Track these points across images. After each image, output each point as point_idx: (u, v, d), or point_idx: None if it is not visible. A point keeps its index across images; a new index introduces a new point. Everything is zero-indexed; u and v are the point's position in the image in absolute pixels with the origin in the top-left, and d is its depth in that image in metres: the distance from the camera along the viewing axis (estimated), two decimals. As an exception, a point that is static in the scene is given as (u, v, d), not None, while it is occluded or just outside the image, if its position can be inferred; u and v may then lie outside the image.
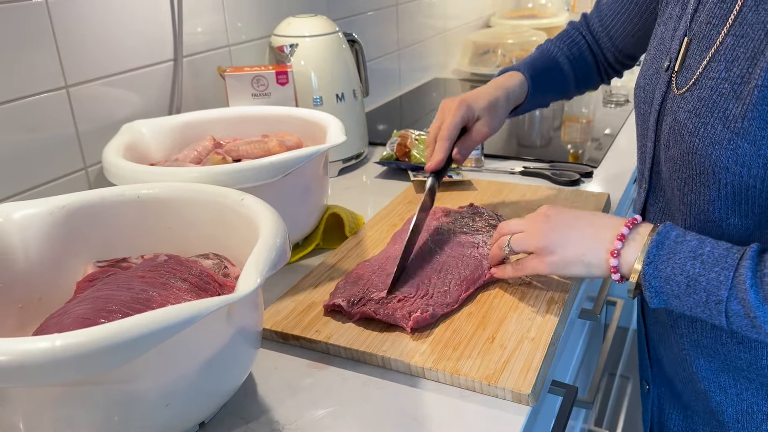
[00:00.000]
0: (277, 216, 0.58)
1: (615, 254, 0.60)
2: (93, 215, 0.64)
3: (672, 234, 0.58)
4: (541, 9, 2.17)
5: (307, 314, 0.69)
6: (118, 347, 0.40)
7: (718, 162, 0.57)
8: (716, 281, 0.54)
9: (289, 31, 1.07)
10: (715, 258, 0.55)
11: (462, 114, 0.81)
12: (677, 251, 0.57)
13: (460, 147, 0.83)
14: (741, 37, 0.56)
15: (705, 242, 0.56)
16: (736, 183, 0.57)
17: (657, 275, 0.57)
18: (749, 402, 0.64)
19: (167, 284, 0.54)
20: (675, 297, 0.57)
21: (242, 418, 0.57)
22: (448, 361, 0.60)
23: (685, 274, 0.56)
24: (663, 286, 0.57)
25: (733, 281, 0.53)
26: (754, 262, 0.53)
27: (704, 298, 0.55)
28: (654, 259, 0.57)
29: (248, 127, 0.92)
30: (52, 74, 0.81)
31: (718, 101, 0.58)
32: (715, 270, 0.54)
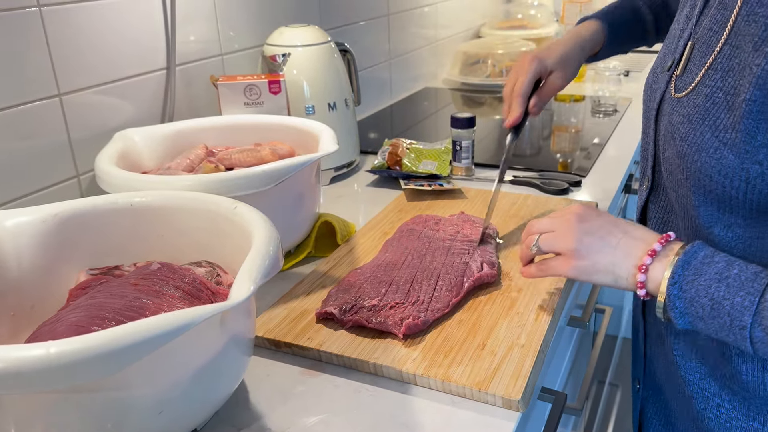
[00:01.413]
0: (270, 224, 0.58)
1: (643, 269, 0.59)
2: (85, 223, 0.65)
3: (700, 254, 0.57)
4: (531, 20, 2.20)
5: (299, 322, 0.69)
6: (113, 355, 0.40)
7: (703, 169, 0.58)
8: (740, 306, 0.53)
9: (282, 40, 1.08)
10: (742, 282, 0.53)
11: (534, 69, 0.86)
12: (703, 272, 0.55)
13: (537, 100, 0.87)
14: (736, 47, 0.56)
15: (733, 264, 0.55)
16: (719, 192, 0.57)
17: (681, 296, 0.56)
18: (729, 416, 0.64)
19: (160, 292, 0.55)
20: (700, 319, 0.56)
21: (234, 426, 0.57)
22: (439, 368, 0.61)
23: (709, 297, 0.54)
24: (687, 307, 0.56)
25: (757, 307, 0.52)
26: None
27: (728, 322, 0.54)
28: (679, 279, 0.56)
29: (241, 136, 0.92)
30: (45, 82, 0.82)
31: (711, 110, 0.57)
32: (740, 294, 0.53)
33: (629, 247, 0.61)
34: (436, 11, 1.88)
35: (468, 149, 1.11)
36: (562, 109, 1.63)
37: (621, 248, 0.61)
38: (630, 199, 1.67)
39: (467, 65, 1.86)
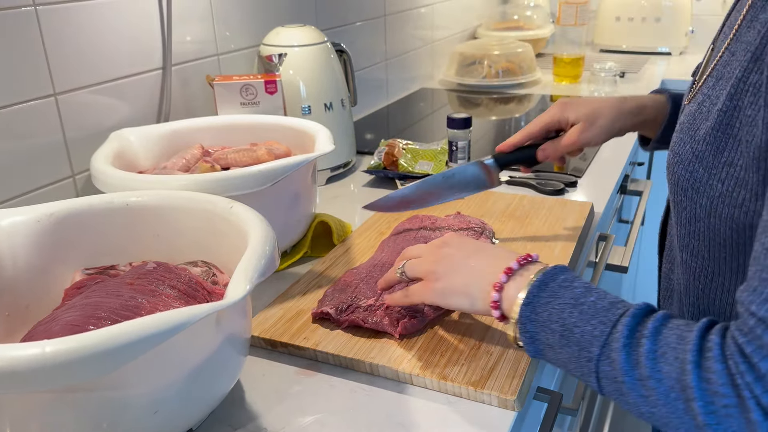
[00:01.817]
0: (266, 224, 0.58)
1: (497, 287, 0.55)
2: (81, 223, 0.65)
3: (560, 277, 0.53)
4: (527, 21, 2.20)
5: (295, 322, 0.69)
6: (108, 354, 0.40)
7: (679, 182, 0.55)
8: (590, 335, 0.49)
9: (278, 40, 1.08)
10: (596, 309, 0.50)
11: (552, 113, 0.80)
12: (559, 296, 0.52)
13: (547, 146, 0.81)
14: (732, 54, 0.53)
15: (591, 292, 0.52)
16: (689, 210, 0.54)
17: (533, 319, 0.53)
18: None
19: (156, 291, 0.54)
20: (550, 347, 0.52)
21: (230, 425, 0.57)
22: (435, 368, 0.61)
23: (560, 322, 0.51)
24: (538, 332, 0.53)
25: (607, 338, 0.48)
26: (635, 320, 0.48)
27: (576, 352, 0.50)
28: (533, 300, 0.53)
29: (237, 136, 0.92)
30: (41, 82, 0.81)
31: (696, 118, 0.55)
32: (592, 323, 0.49)
33: (486, 266, 0.58)
34: (433, 12, 1.88)
35: (464, 150, 1.11)
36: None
37: (477, 268, 0.58)
38: (625, 199, 1.67)
39: (463, 66, 1.86)
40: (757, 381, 0.41)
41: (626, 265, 1.14)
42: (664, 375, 0.45)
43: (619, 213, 1.60)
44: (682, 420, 0.45)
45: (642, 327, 0.48)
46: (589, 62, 1.92)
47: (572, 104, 0.80)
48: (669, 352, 0.46)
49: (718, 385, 0.43)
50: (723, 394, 0.43)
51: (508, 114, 1.61)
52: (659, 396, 0.45)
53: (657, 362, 0.46)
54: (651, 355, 0.46)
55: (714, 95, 0.53)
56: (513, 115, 1.59)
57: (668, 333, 0.47)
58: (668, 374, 0.45)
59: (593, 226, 0.96)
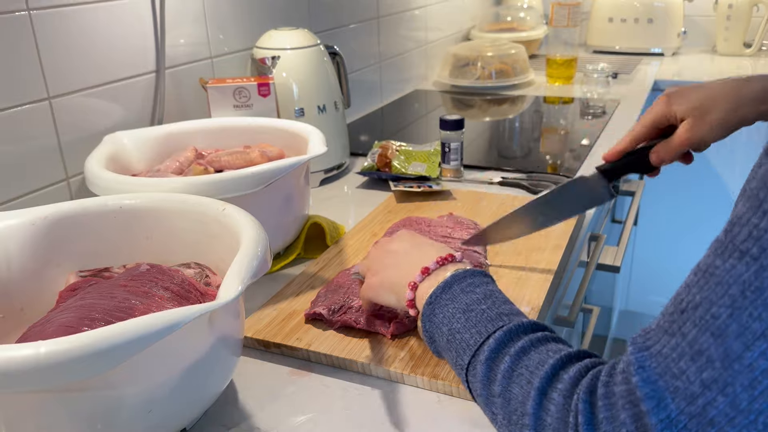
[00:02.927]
0: (258, 225, 0.59)
1: (412, 286, 0.55)
2: (75, 225, 0.65)
3: (466, 281, 0.53)
4: (520, 22, 2.21)
5: (288, 322, 0.70)
6: (103, 354, 0.41)
7: None
8: (466, 343, 0.49)
9: (271, 43, 1.09)
10: (482, 319, 0.49)
11: (657, 110, 0.68)
12: (457, 299, 0.51)
13: (660, 147, 0.68)
14: None
15: (489, 299, 0.51)
16: None
17: (432, 319, 0.52)
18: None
19: (149, 293, 0.55)
20: (443, 350, 0.52)
21: (223, 425, 0.58)
22: (427, 367, 0.62)
23: (449, 326, 0.51)
24: (434, 332, 0.52)
25: (478, 348, 0.48)
26: (507, 336, 0.47)
27: (454, 358, 0.50)
28: (434, 300, 0.53)
29: (230, 138, 0.93)
30: (35, 85, 0.82)
31: None
32: (471, 331, 0.49)
33: (413, 263, 0.57)
34: (426, 14, 1.89)
35: (457, 151, 1.12)
36: (552, 110, 1.64)
37: (405, 265, 0.57)
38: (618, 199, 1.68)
39: (457, 67, 1.87)
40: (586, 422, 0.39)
41: (618, 264, 1.15)
42: (512, 396, 0.44)
43: (612, 213, 1.61)
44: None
45: (511, 344, 0.46)
46: (582, 63, 1.93)
47: (679, 94, 0.67)
48: (524, 374, 0.44)
49: (552, 419, 0.41)
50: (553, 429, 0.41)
51: (501, 115, 1.62)
52: (504, 417, 0.44)
53: (510, 382, 0.44)
54: (507, 374, 0.45)
55: None
56: (507, 116, 1.60)
57: (534, 355, 0.45)
58: (515, 397, 0.44)
59: (584, 226, 0.97)
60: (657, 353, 0.37)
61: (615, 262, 1.16)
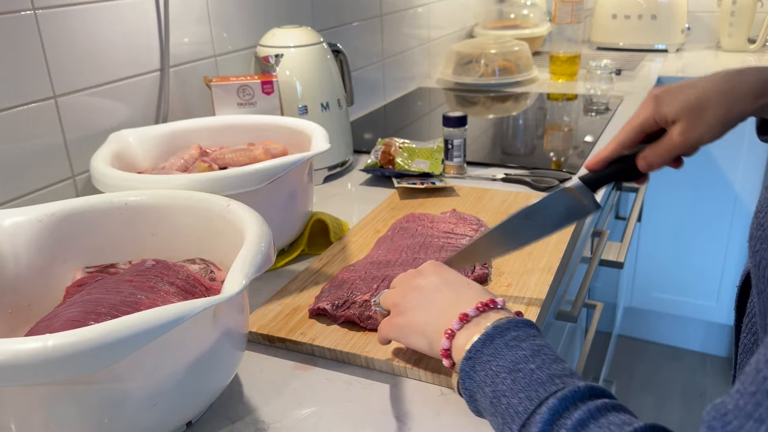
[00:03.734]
0: (262, 221, 0.60)
1: (449, 334, 0.51)
2: (82, 222, 0.66)
3: (511, 333, 0.48)
4: (523, 19, 2.21)
5: (292, 317, 0.71)
6: (109, 347, 0.41)
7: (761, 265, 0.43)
8: (515, 409, 0.44)
9: (275, 41, 1.10)
10: (532, 381, 0.44)
11: (644, 113, 0.63)
12: (501, 356, 0.47)
13: (648, 152, 0.63)
14: None
15: (537, 357, 0.46)
16: None
17: (472, 376, 0.48)
18: None
19: (155, 288, 0.56)
20: (484, 410, 0.47)
21: (228, 418, 0.58)
22: (429, 361, 0.62)
23: (492, 387, 0.46)
24: (475, 391, 0.48)
25: (528, 418, 0.43)
26: (563, 404, 0.42)
27: (500, 425, 0.45)
28: (474, 355, 0.48)
29: (234, 136, 0.94)
30: (41, 84, 0.83)
31: None
32: (520, 396, 0.44)
33: (447, 305, 0.53)
34: (429, 12, 1.90)
35: (460, 148, 1.12)
36: (555, 107, 1.64)
37: (438, 306, 0.53)
38: (622, 196, 1.68)
39: (460, 65, 1.87)
40: None
41: (621, 260, 1.15)
42: None
43: (616, 209, 1.61)
44: None
45: (567, 415, 0.41)
46: (585, 60, 1.93)
47: (667, 95, 0.62)
48: None
49: None
50: None
51: (505, 112, 1.62)
52: None
53: None
54: None
55: None
56: (510, 114, 1.60)
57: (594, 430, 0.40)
58: None
59: (587, 222, 0.97)
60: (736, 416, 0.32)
61: (618, 258, 1.16)
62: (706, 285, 2.09)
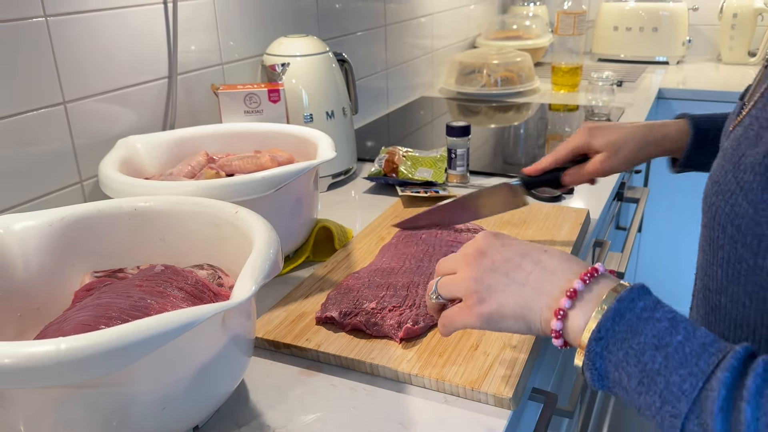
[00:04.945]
0: (271, 228, 0.60)
1: (560, 315, 0.47)
2: (91, 227, 0.67)
3: (639, 304, 0.45)
4: (526, 30, 2.23)
5: (297, 324, 0.71)
6: (122, 350, 0.42)
7: (717, 216, 0.48)
8: (678, 389, 0.41)
9: (281, 50, 1.11)
10: (685, 355, 0.42)
11: (578, 139, 0.82)
12: (639, 331, 0.44)
13: (573, 171, 0.83)
14: None
15: (678, 327, 0.43)
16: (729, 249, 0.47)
17: (605, 356, 0.44)
18: None
19: (164, 293, 0.56)
20: (623, 389, 0.44)
21: (235, 423, 0.59)
22: (434, 368, 0.63)
23: (640, 367, 0.43)
24: (610, 371, 0.45)
25: (699, 395, 0.40)
26: (733, 375, 0.40)
27: (658, 404, 0.42)
28: (606, 335, 0.44)
29: (241, 143, 0.94)
30: (51, 90, 0.84)
31: (741, 144, 0.47)
32: (680, 373, 0.41)
33: (541, 282, 0.49)
34: (432, 22, 1.91)
35: (463, 157, 1.13)
36: (557, 118, 1.66)
37: (531, 284, 0.50)
38: (623, 206, 1.69)
39: (463, 75, 1.89)
40: None
41: (622, 271, 1.16)
42: None
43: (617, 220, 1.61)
44: None
45: (741, 386, 0.39)
46: (587, 71, 1.94)
47: (598, 130, 0.82)
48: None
49: None
50: None
51: (506, 122, 1.63)
52: None
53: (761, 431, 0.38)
54: (753, 426, 0.38)
55: (764, 117, 0.46)
56: (512, 123, 1.62)
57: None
58: None
59: (589, 232, 0.98)
60: None
61: (619, 268, 1.17)
62: (706, 296, 2.09)
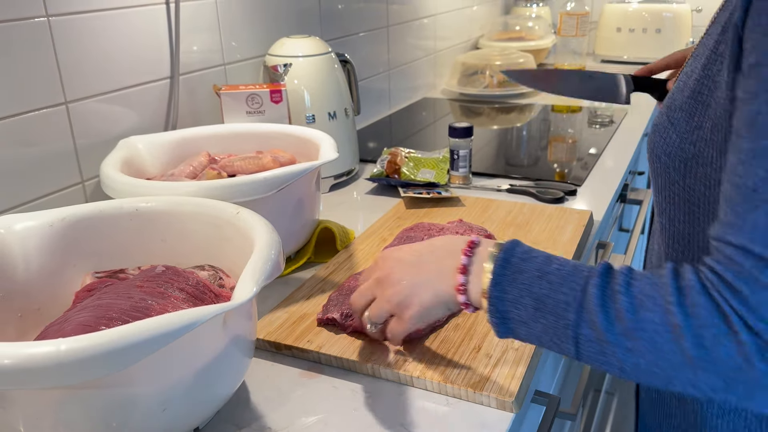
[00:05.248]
0: (272, 229, 0.60)
1: (461, 290, 0.55)
2: (92, 227, 0.66)
3: (518, 250, 0.53)
4: (529, 32, 2.23)
5: (299, 325, 0.71)
6: (121, 351, 0.42)
7: (655, 149, 0.59)
8: (564, 303, 0.49)
9: (283, 51, 1.10)
10: (562, 276, 0.50)
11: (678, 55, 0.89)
12: (524, 269, 0.52)
13: None
14: (708, 35, 0.58)
15: (552, 260, 0.52)
16: (665, 175, 0.58)
17: (503, 298, 0.52)
18: None
19: (165, 294, 0.56)
20: (522, 323, 0.52)
21: (235, 425, 0.59)
22: (436, 370, 0.63)
23: (533, 296, 0.51)
24: (509, 310, 0.52)
25: (581, 302, 0.49)
26: (603, 279, 0.49)
27: (553, 321, 0.50)
28: (500, 280, 0.52)
29: (243, 144, 0.94)
30: (53, 90, 0.84)
31: (674, 93, 0.59)
32: (563, 290, 0.49)
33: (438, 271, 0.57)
34: (435, 23, 1.91)
35: (465, 158, 1.12)
36: (560, 119, 1.65)
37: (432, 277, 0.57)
38: (626, 208, 1.69)
39: (465, 76, 1.88)
40: (742, 304, 0.43)
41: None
42: (647, 322, 0.46)
43: (620, 222, 1.61)
44: (670, 362, 0.46)
45: (612, 283, 0.48)
46: (589, 73, 1.94)
47: None
48: (646, 300, 0.46)
49: (705, 317, 0.44)
50: (711, 324, 0.44)
51: (509, 123, 1.63)
52: (645, 344, 0.46)
53: (638, 312, 0.46)
54: (630, 308, 0.47)
55: (690, 70, 0.57)
56: (514, 125, 1.61)
57: (639, 284, 0.48)
58: (651, 320, 0.46)
59: (592, 234, 0.98)
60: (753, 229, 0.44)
61: (622, 270, 1.16)
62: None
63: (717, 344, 0.44)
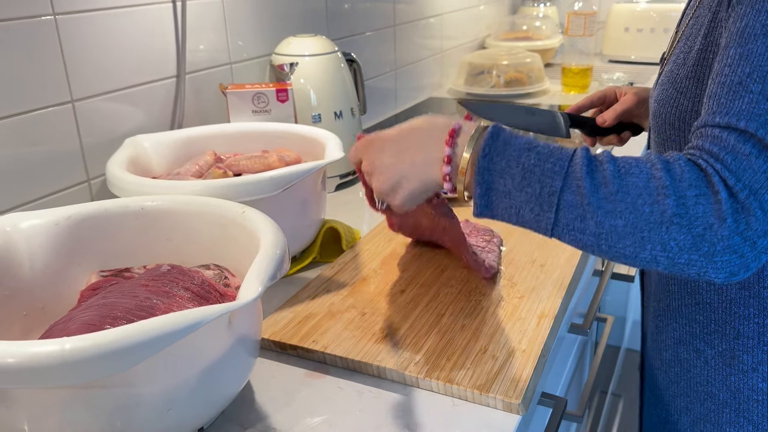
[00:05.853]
0: (278, 228, 0.60)
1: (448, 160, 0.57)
2: (97, 226, 0.66)
3: (505, 129, 0.56)
4: (536, 31, 2.22)
5: (304, 325, 0.71)
6: (126, 351, 0.42)
7: (667, 120, 0.63)
8: (551, 171, 0.52)
9: (290, 50, 1.10)
10: (551, 150, 0.53)
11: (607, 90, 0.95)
12: (512, 143, 0.54)
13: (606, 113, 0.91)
14: (697, 17, 0.63)
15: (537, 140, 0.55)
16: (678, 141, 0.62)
17: (491, 168, 0.54)
18: None
19: (170, 293, 0.56)
20: (505, 194, 0.54)
21: (240, 425, 0.58)
22: (442, 371, 0.62)
23: (520, 166, 0.53)
24: (495, 181, 0.54)
25: (567, 170, 0.52)
26: (588, 152, 0.53)
27: (538, 190, 0.52)
28: (490, 151, 0.54)
29: (249, 143, 0.94)
30: (59, 89, 0.84)
31: (674, 70, 0.64)
32: (551, 161, 0.52)
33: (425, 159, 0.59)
34: (442, 22, 1.90)
35: (472, 158, 1.12)
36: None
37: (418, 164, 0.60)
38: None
39: (472, 76, 1.88)
40: (725, 168, 0.48)
41: (633, 274, 1.15)
42: (631, 186, 0.50)
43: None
44: (647, 221, 0.49)
45: (598, 156, 0.52)
46: (597, 72, 1.93)
47: None
48: (633, 169, 0.50)
49: (690, 179, 0.49)
50: (695, 186, 0.48)
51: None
52: (627, 205, 0.49)
53: (623, 178, 0.50)
54: (616, 174, 0.50)
55: (688, 46, 0.63)
56: (521, 125, 1.60)
57: (624, 159, 0.52)
58: (635, 185, 0.50)
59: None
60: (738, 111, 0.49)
61: (629, 271, 1.16)
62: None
63: (696, 204, 0.48)
